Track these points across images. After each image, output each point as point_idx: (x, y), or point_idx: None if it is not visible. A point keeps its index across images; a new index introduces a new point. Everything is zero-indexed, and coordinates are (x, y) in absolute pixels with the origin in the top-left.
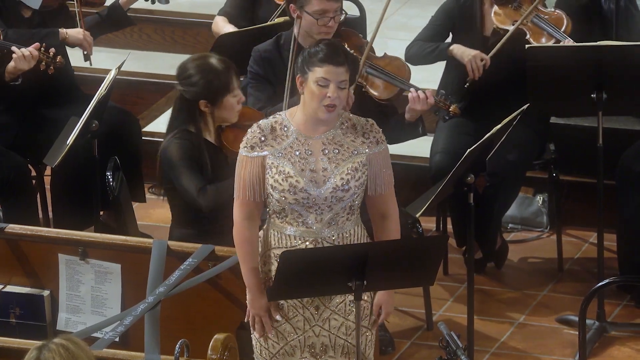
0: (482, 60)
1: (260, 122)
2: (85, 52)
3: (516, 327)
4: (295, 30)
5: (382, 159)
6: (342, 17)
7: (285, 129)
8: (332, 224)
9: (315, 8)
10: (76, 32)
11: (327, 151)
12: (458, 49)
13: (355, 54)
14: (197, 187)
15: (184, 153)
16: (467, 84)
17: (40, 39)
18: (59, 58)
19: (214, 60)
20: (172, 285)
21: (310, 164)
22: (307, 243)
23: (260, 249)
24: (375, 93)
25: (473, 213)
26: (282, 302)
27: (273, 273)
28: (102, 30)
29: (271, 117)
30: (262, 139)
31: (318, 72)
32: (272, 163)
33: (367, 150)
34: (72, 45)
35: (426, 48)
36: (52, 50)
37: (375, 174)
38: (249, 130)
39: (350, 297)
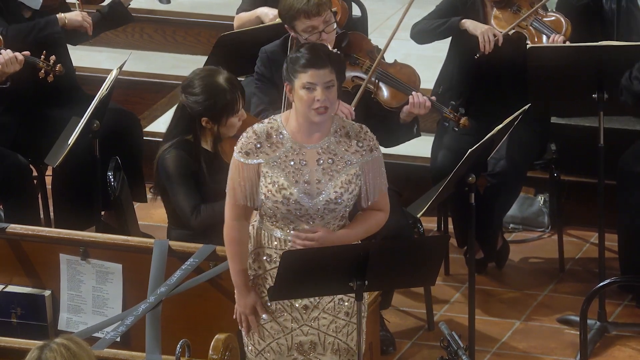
0: (494, 35)
1: (255, 126)
2: (84, 32)
3: (517, 327)
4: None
5: (376, 166)
6: (334, 26)
7: (281, 136)
8: None
9: (303, 27)
10: (74, 15)
11: (321, 161)
12: (471, 23)
13: (365, 59)
14: (191, 207)
15: (180, 166)
16: (477, 56)
17: (39, 29)
18: (58, 66)
19: (221, 78)
20: (173, 285)
21: (304, 174)
22: (297, 247)
23: (251, 246)
24: (385, 100)
25: (474, 213)
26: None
27: (261, 272)
28: (103, 27)
29: (266, 121)
30: (258, 145)
31: (303, 78)
32: (267, 172)
33: (360, 159)
34: (72, 29)
35: (434, 23)
36: (52, 58)
37: (369, 183)
38: (244, 134)
39: (339, 296)
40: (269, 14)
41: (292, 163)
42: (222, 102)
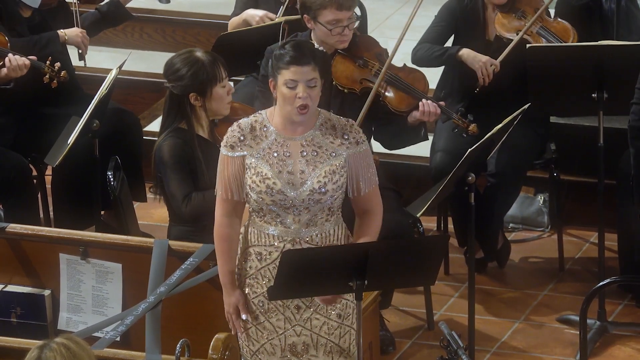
0: (492, 65)
1: (241, 121)
2: (80, 52)
3: (517, 327)
4: (313, 37)
5: (362, 159)
6: (356, 24)
7: (265, 129)
8: (311, 224)
9: (328, 18)
10: (74, 34)
11: (305, 153)
12: (468, 55)
13: (374, 62)
14: (182, 195)
15: (175, 155)
16: (477, 90)
17: (41, 47)
18: (63, 73)
19: (199, 53)
20: (173, 285)
21: (288, 165)
22: (286, 243)
23: (240, 245)
24: (394, 104)
25: (474, 213)
26: (263, 301)
27: (252, 271)
28: (102, 26)
29: (252, 115)
30: (242, 138)
31: (285, 74)
32: (251, 164)
33: (346, 151)
34: (71, 45)
35: (434, 52)
36: (57, 65)
37: (355, 175)
38: (229, 129)
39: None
40: (255, 16)
41: (275, 154)
42: (204, 72)
